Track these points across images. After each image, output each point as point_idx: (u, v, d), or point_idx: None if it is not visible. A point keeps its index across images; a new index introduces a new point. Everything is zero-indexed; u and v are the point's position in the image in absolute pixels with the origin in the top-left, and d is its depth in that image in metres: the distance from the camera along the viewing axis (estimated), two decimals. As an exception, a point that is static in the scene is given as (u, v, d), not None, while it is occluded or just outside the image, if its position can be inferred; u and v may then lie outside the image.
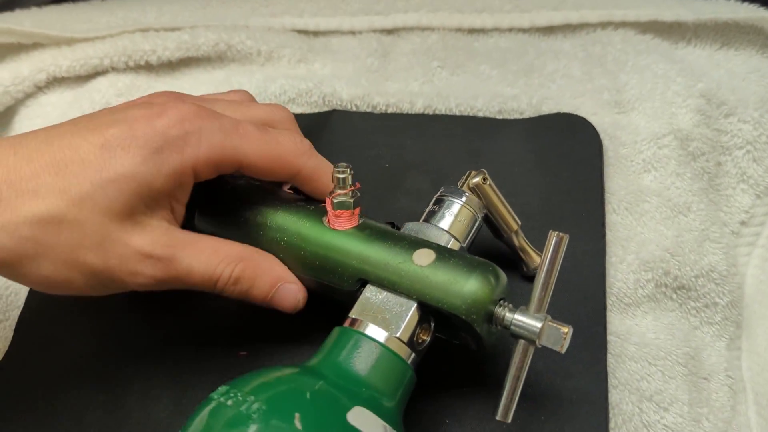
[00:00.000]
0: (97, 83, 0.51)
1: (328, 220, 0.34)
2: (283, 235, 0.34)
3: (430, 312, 0.31)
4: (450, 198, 0.35)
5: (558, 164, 0.43)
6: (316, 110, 0.48)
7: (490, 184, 0.35)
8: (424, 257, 0.31)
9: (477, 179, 0.34)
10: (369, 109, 0.47)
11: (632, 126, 0.44)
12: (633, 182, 0.43)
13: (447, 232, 0.34)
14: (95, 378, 0.37)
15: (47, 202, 0.29)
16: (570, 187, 0.42)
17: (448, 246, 0.33)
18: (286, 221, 0.35)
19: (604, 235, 0.40)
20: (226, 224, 0.36)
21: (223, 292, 0.33)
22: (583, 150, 0.43)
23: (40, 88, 0.52)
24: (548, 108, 0.46)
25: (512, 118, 0.46)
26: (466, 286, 0.30)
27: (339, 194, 0.33)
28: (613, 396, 0.35)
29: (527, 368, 0.30)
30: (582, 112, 0.45)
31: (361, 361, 0.29)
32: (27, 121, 0.51)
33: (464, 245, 0.34)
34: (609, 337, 0.37)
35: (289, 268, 0.34)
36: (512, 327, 0.30)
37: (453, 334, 0.33)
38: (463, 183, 0.35)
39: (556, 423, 0.33)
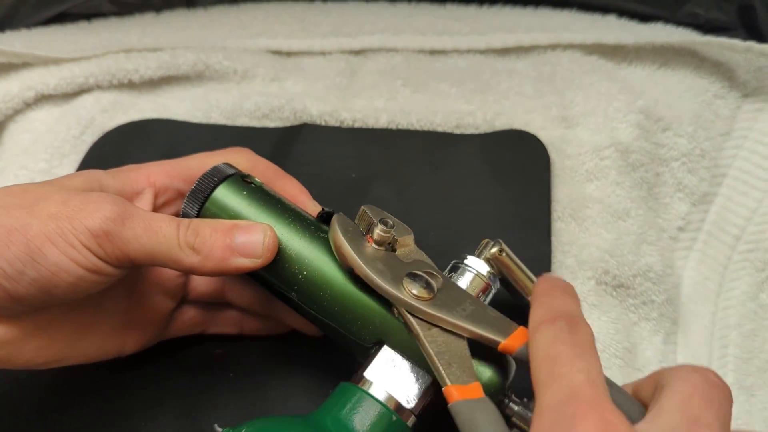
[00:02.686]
0: (83, 100, 0.54)
1: None
2: (303, 268, 0.33)
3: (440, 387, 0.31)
4: (466, 267, 0.35)
5: (510, 176, 0.47)
6: (288, 125, 0.51)
7: (506, 254, 0.35)
8: None
9: (494, 250, 0.34)
10: (337, 124, 0.51)
11: (577, 139, 0.48)
12: (577, 191, 0.46)
13: None
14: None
15: None
16: (520, 197, 0.46)
17: None
18: (309, 253, 0.33)
19: (550, 242, 0.44)
20: None
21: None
22: (532, 164, 0.47)
23: (29, 105, 0.54)
24: (501, 123, 0.50)
25: (468, 132, 0.50)
26: (484, 377, 0.30)
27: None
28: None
29: None
30: (532, 127, 0.49)
31: (368, 426, 0.30)
32: (16, 135, 0.54)
33: None
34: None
35: (304, 304, 0.33)
36: (515, 418, 0.31)
37: None
38: (479, 252, 0.36)
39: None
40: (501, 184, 0.46)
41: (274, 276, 0.34)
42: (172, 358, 0.40)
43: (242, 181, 0.35)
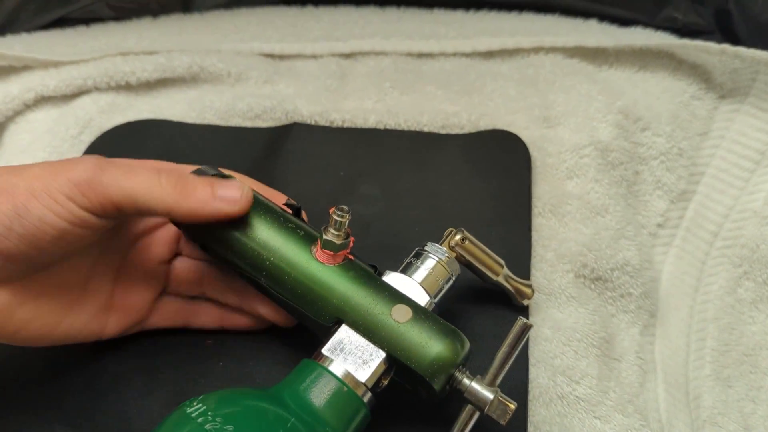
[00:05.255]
0: (81, 101, 0.55)
1: (316, 251, 0.35)
2: (270, 255, 0.35)
3: (394, 362, 0.33)
4: (428, 254, 0.37)
5: (492, 174, 0.48)
6: (279, 125, 0.53)
7: (469, 242, 0.37)
8: (401, 314, 0.33)
9: (457, 238, 0.37)
10: (327, 124, 0.52)
11: (558, 138, 0.50)
12: (557, 188, 0.48)
13: (422, 287, 0.35)
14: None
15: None
16: (502, 194, 0.47)
17: (422, 302, 0.35)
18: (276, 242, 0.35)
19: (530, 237, 0.46)
20: (209, 228, 0.36)
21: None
22: (514, 162, 0.49)
23: (29, 106, 0.56)
24: (485, 123, 0.51)
25: (454, 132, 0.51)
26: (434, 351, 0.32)
27: (331, 233, 0.34)
28: (531, 372, 0.40)
29: (470, 428, 0.33)
30: (515, 127, 0.51)
31: (324, 398, 0.31)
32: (16, 135, 0.56)
33: (435, 300, 0.36)
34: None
35: (271, 288, 0.36)
36: (466, 393, 0.32)
37: (408, 381, 0.34)
38: (444, 241, 0.38)
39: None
40: (483, 182, 0.48)
41: (246, 262, 0.36)
42: (163, 348, 0.41)
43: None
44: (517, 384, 0.39)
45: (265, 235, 0.36)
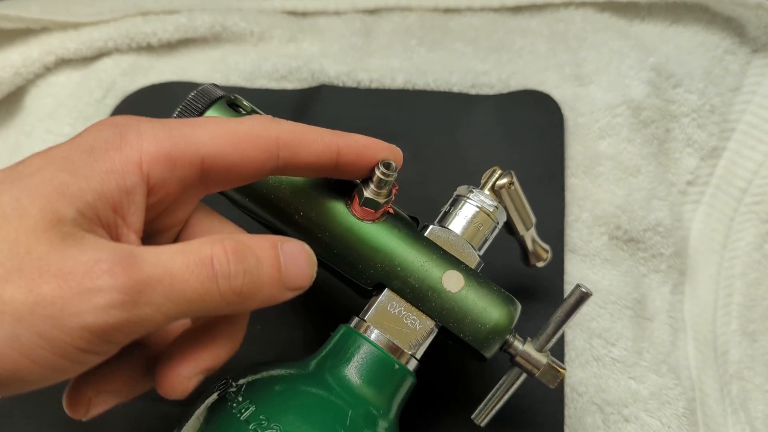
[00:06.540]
0: (103, 63, 0.54)
1: (352, 204, 0.31)
2: (300, 208, 0.31)
3: (443, 331, 0.31)
4: (471, 202, 0.34)
5: (524, 135, 0.48)
6: (306, 86, 0.52)
7: (515, 189, 0.34)
8: (453, 282, 0.31)
9: (504, 181, 0.33)
10: (354, 84, 0.52)
11: (590, 97, 0.49)
12: (590, 148, 0.48)
13: (469, 243, 0.33)
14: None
15: None
16: (535, 155, 0.47)
17: (471, 263, 0.32)
18: (307, 192, 0.31)
19: (563, 196, 0.46)
20: None
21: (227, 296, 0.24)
22: (546, 123, 0.48)
23: (49, 69, 0.55)
24: (516, 82, 0.50)
25: (484, 92, 0.51)
26: (490, 323, 0.31)
27: (372, 191, 0.31)
28: (568, 334, 0.41)
29: (515, 389, 0.32)
30: (546, 86, 0.50)
31: (371, 376, 0.29)
32: (38, 99, 0.55)
33: (480, 253, 0.34)
34: (565, 286, 0.43)
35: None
36: (517, 357, 0.31)
37: (455, 342, 0.33)
38: (485, 182, 0.34)
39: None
40: (516, 143, 0.48)
41: (269, 214, 0.32)
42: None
43: (233, 105, 0.33)
44: (553, 347, 0.39)
45: (292, 181, 0.31)
